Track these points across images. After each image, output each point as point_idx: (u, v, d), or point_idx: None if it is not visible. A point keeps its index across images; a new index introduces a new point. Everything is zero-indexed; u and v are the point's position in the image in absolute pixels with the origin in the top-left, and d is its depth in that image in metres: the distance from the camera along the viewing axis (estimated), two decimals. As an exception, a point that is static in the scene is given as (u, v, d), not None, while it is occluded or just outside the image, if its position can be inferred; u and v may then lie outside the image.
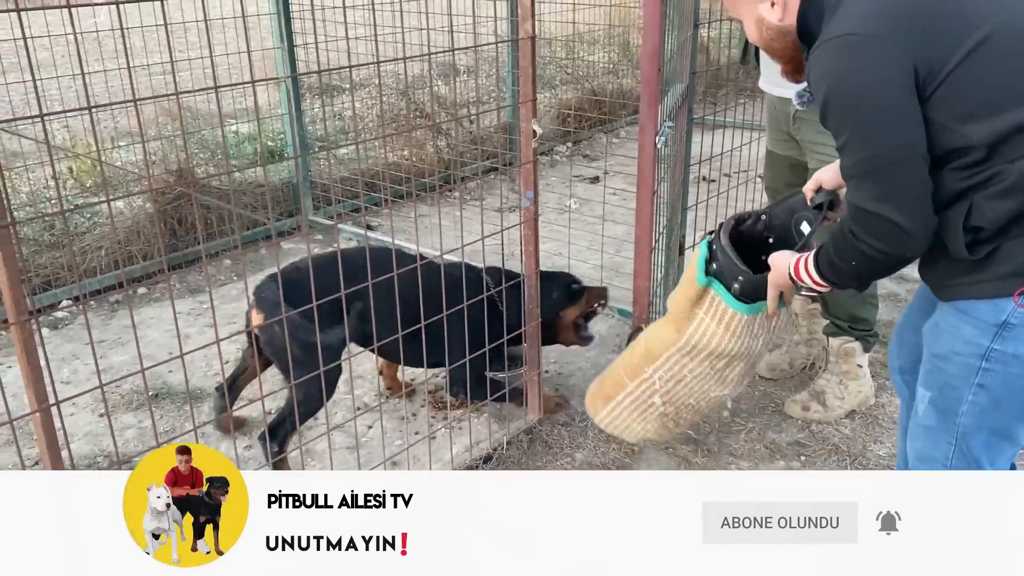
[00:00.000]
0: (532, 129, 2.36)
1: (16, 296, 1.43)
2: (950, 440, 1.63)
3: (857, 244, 1.47)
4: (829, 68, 1.43)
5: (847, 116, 1.43)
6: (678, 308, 1.94)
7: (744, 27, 1.67)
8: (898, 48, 1.39)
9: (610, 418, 2.14)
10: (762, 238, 1.90)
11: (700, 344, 1.91)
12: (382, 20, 4.95)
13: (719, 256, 1.83)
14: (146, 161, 4.05)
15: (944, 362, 1.59)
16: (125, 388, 3.08)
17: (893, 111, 1.40)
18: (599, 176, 5.49)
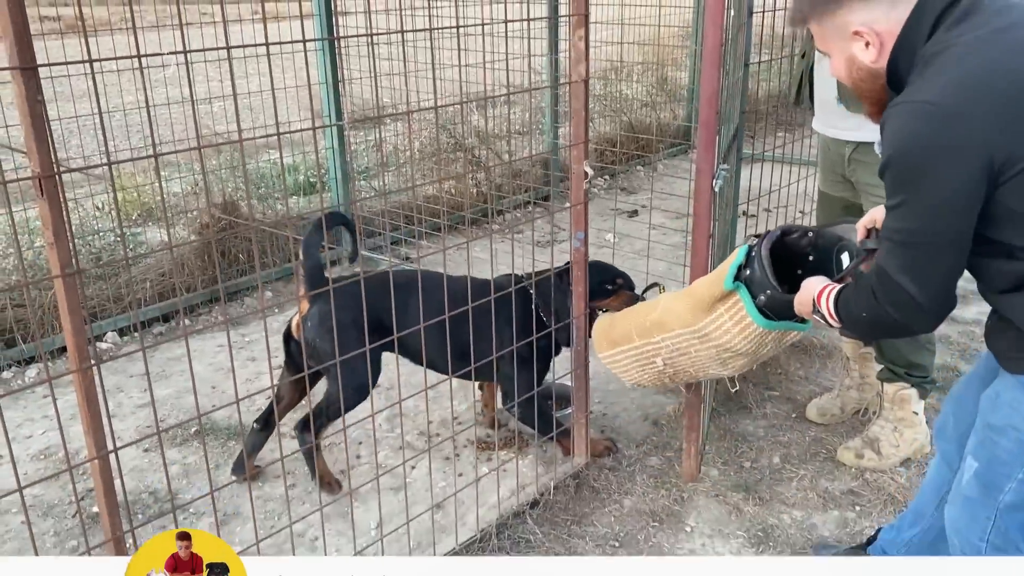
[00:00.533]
0: (583, 171, 2.34)
1: (79, 343, 1.43)
2: (989, 515, 1.60)
3: (872, 301, 1.51)
4: (900, 131, 1.40)
5: (905, 184, 1.41)
6: (701, 297, 2.01)
7: (832, 64, 1.62)
8: (975, 130, 1.34)
9: (612, 360, 2.34)
10: (803, 254, 1.92)
11: (713, 335, 2.01)
12: (425, 57, 4.99)
13: (754, 264, 1.86)
14: (207, 191, 4.09)
15: (999, 435, 1.56)
16: (169, 422, 3.08)
17: (950, 195, 1.38)
18: (638, 210, 5.46)
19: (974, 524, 1.63)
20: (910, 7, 1.47)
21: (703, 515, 2.53)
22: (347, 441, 2.32)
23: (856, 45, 1.52)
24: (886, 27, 1.48)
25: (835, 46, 1.57)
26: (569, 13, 2.22)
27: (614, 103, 6.75)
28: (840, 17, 1.52)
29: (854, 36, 1.51)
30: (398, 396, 2.13)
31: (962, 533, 1.67)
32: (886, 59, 1.51)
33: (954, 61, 1.39)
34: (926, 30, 1.45)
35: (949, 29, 1.43)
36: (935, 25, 1.45)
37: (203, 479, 2.73)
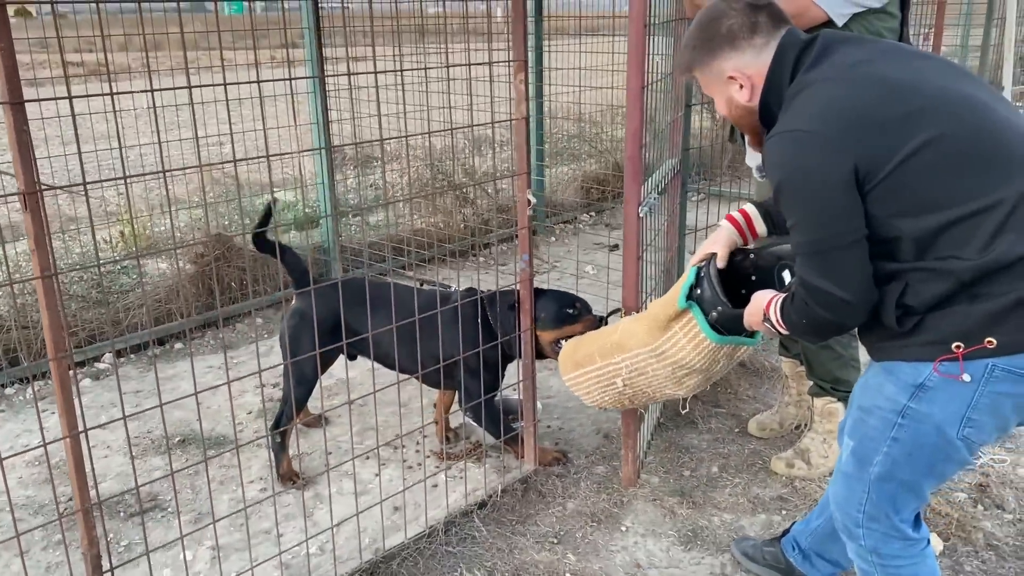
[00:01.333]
0: (527, 198, 2.59)
1: (56, 336, 1.68)
2: (864, 488, 1.79)
3: (808, 310, 1.69)
4: (779, 159, 1.63)
5: (795, 203, 1.63)
6: (657, 316, 2.18)
7: (716, 104, 1.89)
8: (839, 148, 1.56)
9: (575, 382, 2.51)
10: (747, 274, 2.09)
11: (668, 353, 2.17)
12: (411, 100, 5.30)
13: (704, 284, 2.04)
14: (205, 220, 4.37)
15: (867, 415, 1.77)
16: (156, 434, 3.31)
17: (834, 204, 1.58)
18: (618, 244, 5.70)
19: (852, 497, 1.83)
20: (771, 53, 1.74)
21: (639, 517, 2.72)
22: (308, 445, 2.54)
23: (732, 87, 1.79)
24: (755, 70, 1.76)
25: (716, 89, 1.84)
26: (509, 59, 2.48)
27: (600, 144, 7.03)
28: (716, 65, 1.79)
29: (729, 80, 1.78)
30: (373, 400, 2.38)
31: (842, 506, 1.87)
32: (758, 97, 1.77)
33: (813, 96, 1.64)
34: (788, 72, 1.72)
35: (807, 72, 1.69)
36: (794, 68, 1.71)
37: (184, 485, 2.96)
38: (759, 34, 1.74)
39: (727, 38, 1.75)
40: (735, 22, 1.74)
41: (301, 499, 2.83)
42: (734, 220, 2.10)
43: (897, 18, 2.57)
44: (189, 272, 4.42)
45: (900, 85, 1.61)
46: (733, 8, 1.76)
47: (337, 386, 3.70)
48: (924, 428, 1.67)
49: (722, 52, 1.76)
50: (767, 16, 1.75)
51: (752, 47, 1.74)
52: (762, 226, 2.10)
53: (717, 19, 1.76)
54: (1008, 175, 1.55)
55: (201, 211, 5.15)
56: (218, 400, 3.53)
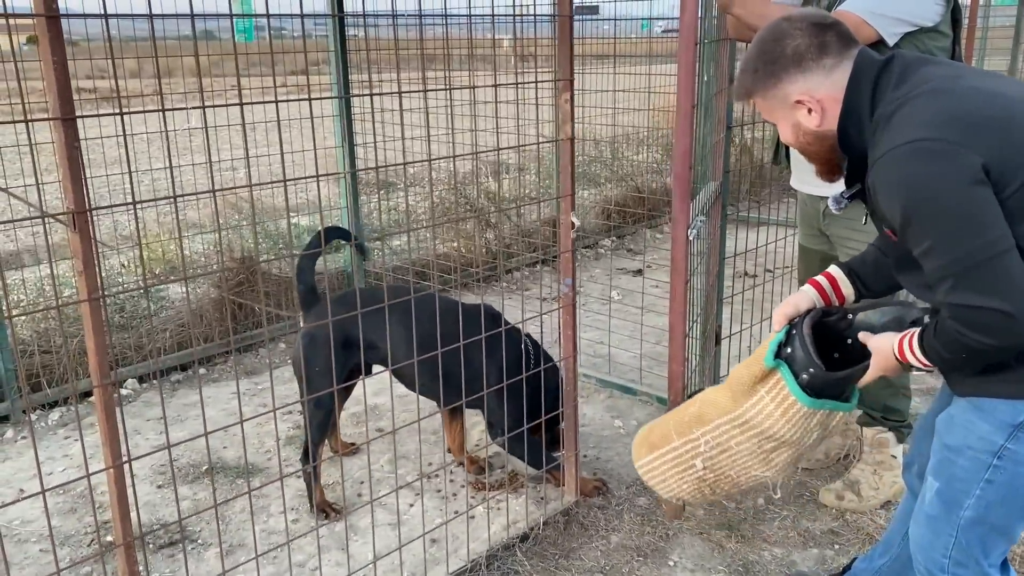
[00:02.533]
0: (571, 221, 2.52)
1: (101, 361, 1.61)
2: (951, 532, 1.68)
3: (964, 340, 1.47)
4: (903, 175, 1.47)
5: (930, 221, 1.45)
6: (740, 381, 1.91)
7: (780, 131, 1.75)
8: (967, 149, 1.42)
9: (650, 467, 2.14)
10: (842, 336, 1.87)
11: (754, 421, 1.89)
12: (436, 123, 5.27)
13: (795, 343, 1.81)
14: (220, 246, 4.32)
15: (956, 455, 1.65)
16: (182, 463, 3.23)
17: (976, 209, 1.42)
18: (642, 269, 5.64)
19: (937, 541, 1.71)
20: (845, 74, 1.62)
21: (687, 551, 2.63)
22: (343, 474, 2.46)
23: (800, 113, 1.66)
24: (826, 93, 1.62)
25: (780, 115, 1.70)
26: (556, 79, 2.43)
27: (622, 168, 6.99)
28: (781, 89, 1.65)
29: (796, 105, 1.65)
30: (394, 439, 2.29)
31: (925, 550, 1.75)
32: (830, 123, 1.64)
33: (917, 109, 1.51)
34: (867, 93, 1.60)
35: (896, 89, 1.57)
36: (875, 89, 1.59)
37: (212, 514, 2.88)
38: (828, 55, 1.61)
39: (793, 60, 1.62)
40: (801, 43, 1.61)
41: (340, 530, 2.74)
42: (818, 284, 1.91)
43: (949, 37, 2.52)
44: (212, 297, 4.36)
45: (997, 94, 1.53)
46: (798, 28, 1.63)
47: (364, 413, 3.61)
48: (1022, 470, 1.57)
49: (788, 75, 1.63)
50: (835, 36, 1.63)
51: (821, 69, 1.61)
52: (849, 288, 1.92)
53: (781, 40, 1.63)
54: None
55: (220, 235, 5.11)
56: (246, 427, 3.45)
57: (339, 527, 2.76)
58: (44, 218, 1.56)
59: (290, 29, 7.53)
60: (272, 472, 3.17)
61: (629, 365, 3.87)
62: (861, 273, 1.91)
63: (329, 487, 3.03)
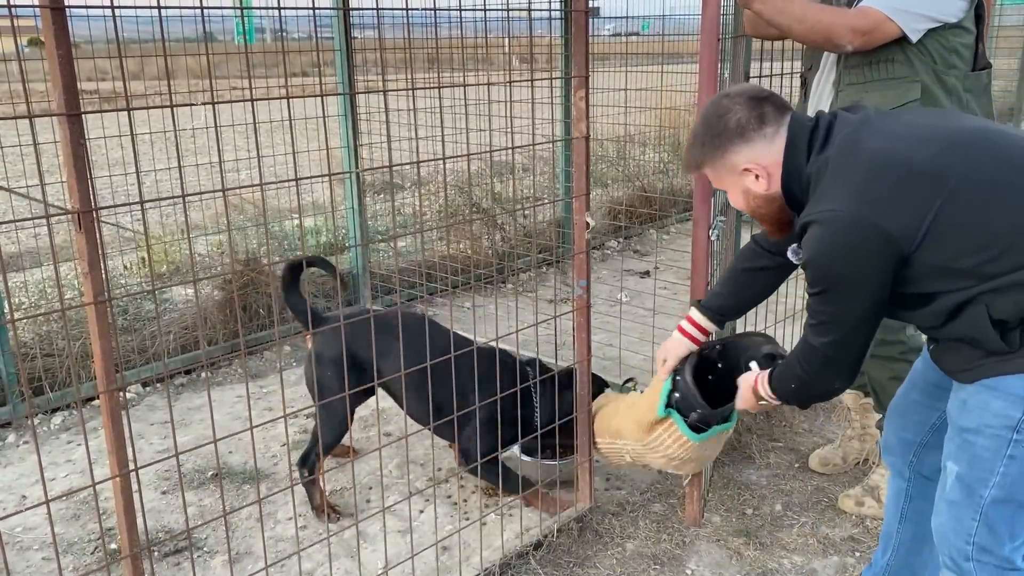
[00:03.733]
0: (585, 221, 2.47)
1: (107, 366, 1.55)
2: (974, 516, 1.68)
3: (796, 371, 1.78)
4: (818, 237, 1.62)
5: (824, 280, 1.64)
6: (641, 420, 2.32)
7: (730, 197, 1.88)
8: (875, 223, 1.55)
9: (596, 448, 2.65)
10: (715, 362, 2.26)
11: (658, 449, 2.32)
12: (441, 123, 5.21)
13: (681, 388, 2.19)
14: (231, 246, 4.26)
15: (975, 435, 1.66)
16: (187, 468, 3.17)
17: (866, 289, 1.61)
18: (649, 271, 5.58)
19: (960, 527, 1.71)
20: (783, 140, 1.74)
21: (704, 559, 2.57)
22: (355, 483, 2.40)
23: (748, 179, 1.78)
24: (771, 160, 1.74)
25: (729, 183, 1.83)
26: (571, 75, 2.37)
27: (628, 169, 6.93)
28: (728, 159, 1.77)
29: (744, 172, 1.77)
30: (406, 444, 2.24)
31: (948, 538, 1.74)
32: (776, 185, 1.76)
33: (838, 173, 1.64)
34: (803, 155, 1.72)
35: (820, 150, 1.70)
36: (809, 148, 1.72)
37: (219, 522, 2.82)
38: (768, 124, 1.74)
39: (736, 132, 1.74)
40: (742, 116, 1.74)
41: (349, 538, 2.67)
42: (684, 331, 2.22)
43: (973, 33, 2.46)
44: (217, 298, 4.30)
45: (915, 138, 1.63)
46: (736, 103, 1.75)
47: (373, 416, 3.56)
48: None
49: (733, 146, 1.75)
50: (771, 106, 1.75)
51: (763, 137, 1.74)
52: (710, 325, 2.20)
53: (723, 115, 1.76)
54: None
55: (223, 236, 5.05)
56: (250, 431, 3.39)
57: (348, 534, 2.70)
58: (48, 218, 1.50)
59: (294, 30, 7.49)
60: (278, 478, 3.11)
61: (640, 368, 3.81)
62: (719, 308, 2.19)
63: (338, 493, 2.98)
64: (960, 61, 2.40)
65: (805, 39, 2.48)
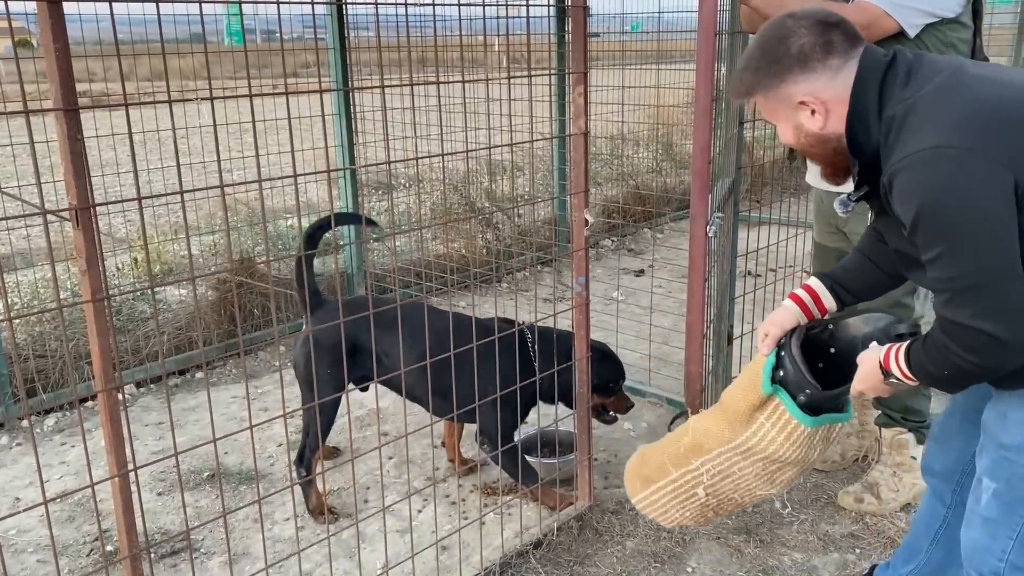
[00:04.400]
0: (584, 218, 2.45)
1: (105, 365, 1.53)
2: (1010, 534, 1.61)
3: (950, 356, 1.47)
4: (922, 181, 1.42)
5: (943, 231, 1.41)
6: (736, 409, 1.90)
7: (779, 131, 1.69)
8: (993, 160, 1.38)
9: (648, 502, 2.11)
10: (826, 346, 1.90)
11: (757, 448, 1.88)
12: (436, 121, 5.19)
13: (787, 365, 1.81)
14: (229, 243, 4.23)
15: (1017, 453, 1.58)
16: (183, 469, 3.15)
17: (992, 228, 1.39)
18: (644, 269, 5.57)
19: (994, 544, 1.64)
20: (851, 75, 1.55)
21: (704, 557, 2.56)
22: (355, 483, 2.38)
23: (803, 114, 1.60)
24: (832, 95, 1.56)
25: (782, 116, 1.64)
26: (569, 70, 2.36)
27: (621, 168, 6.93)
28: (784, 89, 1.58)
29: (800, 106, 1.59)
30: (405, 443, 2.23)
31: (980, 554, 1.67)
32: (833, 125, 1.58)
33: (937, 111, 1.45)
34: (875, 94, 1.54)
35: (903, 88, 1.51)
36: (881, 89, 1.53)
37: (217, 523, 2.79)
38: (834, 55, 1.54)
39: (798, 59, 1.55)
40: (806, 41, 1.54)
41: (348, 538, 2.66)
42: (798, 299, 1.90)
43: (970, 29, 2.46)
44: (211, 299, 4.28)
45: (1019, 85, 1.47)
46: (802, 26, 1.55)
47: (369, 416, 3.54)
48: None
49: (791, 75, 1.56)
50: (841, 34, 1.56)
51: (827, 69, 1.55)
52: (831, 301, 1.90)
53: (785, 38, 1.56)
54: None
55: (217, 236, 5.02)
56: (246, 432, 3.37)
57: (347, 534, 2.68)
58: (44, 215, 1.48)
59: (286, 31, 7.45)
60: (275, 478, 3.09)
61: (637, 366, 3.80)
62: (843, 283, 1.90)
63: (336, 493, 2.96)
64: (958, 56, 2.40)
65: None
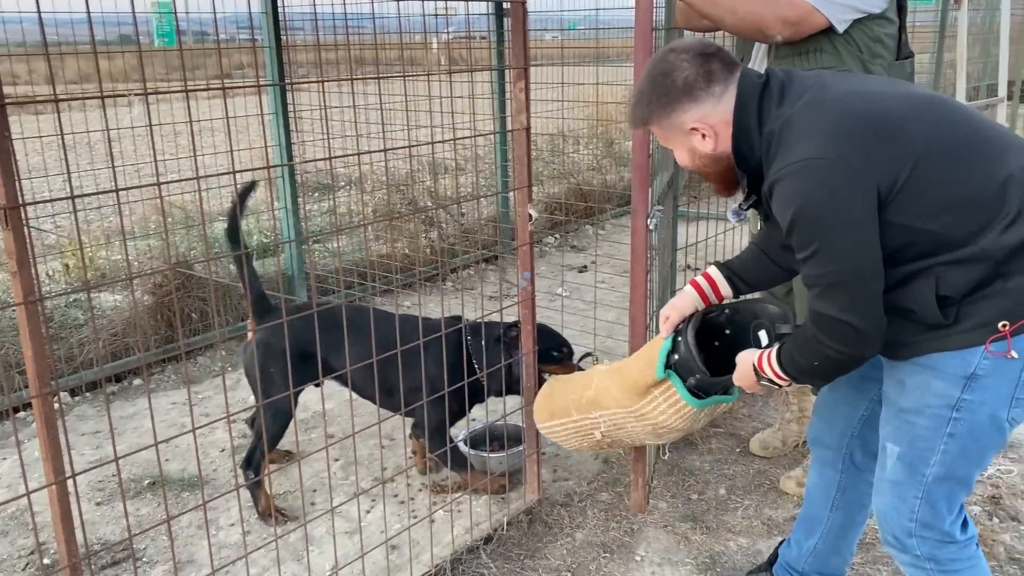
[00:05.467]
0: (528, 213, 2.47)
1: (40, 370, 1.48)
2: (917, 494, 1.72)
3: (820, 347, 1.63)
4: (795, 190, 1.56)
5: (814, 235, 1.56)
6: (635, 381, 2.12)
7: (676, 155, 1.83)
8: (856, 169, 1.53)
9: (552, 431, 2.46)
10: (721, 328, 2.08)
11: (649, 416, 2.13)
12: (374, 119, 5.15)
13: (681, 350, 1.99)
14: (167, 241, 4.13)
15: (916, 416, 1.69)
16: (123, 477, 3.06)
17: (856, 231, 1.54)
18: (587, 265, 5.62)
19: (903, 505, 1.75)
20: (732, 99, 1.69)
21: (652, 545, 2.59)
22: (301, 485, 2.35)
23: (695, 139, 1.74)
24: (718, 119, 1.70)
25: (676, 142, 1.79)
26: (511, 66, 2.37)
27: (563, 166, 6.97)
28: (675, 118, 1.72)
29: (691, 132, 1.73)
30: (353, 444, 2.20)
31: (891, 517, 1.78)
32: (723, 145, 1.72)
33: (807, 124, 1.59)
34: (754, 113, 1.68)
35: (779, 105, 1.66)
36: (759, 108, 1.68)
37: (160, 531, 2.73)
38: (716, 82, 1.69)
39: (684, 90, 1.69)
40: (690, 73, 1.69)
41: (295, 541, 2.62)
42: (698, 285, 2.06)
43: (895, 24, 2.54)
44: (147, 304, 4.17)
45: (878, 95, 1.62)
46: (684, 59, 1.70)
47: (314, 419, 3.50)
48: (978, 418, 1.63)
49: (680, 105, 1.70)
50: (720, 63, 1.71)
51: (711, 96, 1.69)
52: (727, 289, 2.04)
53: (670, 72, 1.70)
54: (1000, 154, 1.59)
55: (152, 241, 4.91)
56: (187, 438, 3.30)
57: (295, 537, 2.65)
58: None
59: (221, 31, 7.32)
60: (219, 483, 3.03)
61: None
62: (740, 273, 2.04)
63: (282, 496, 2.92)
64: (885, 50, 2.48)
65: (736, 30, 2.53)
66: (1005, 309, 1.56)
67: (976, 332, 1.59)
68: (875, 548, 2.54)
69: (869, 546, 2.55)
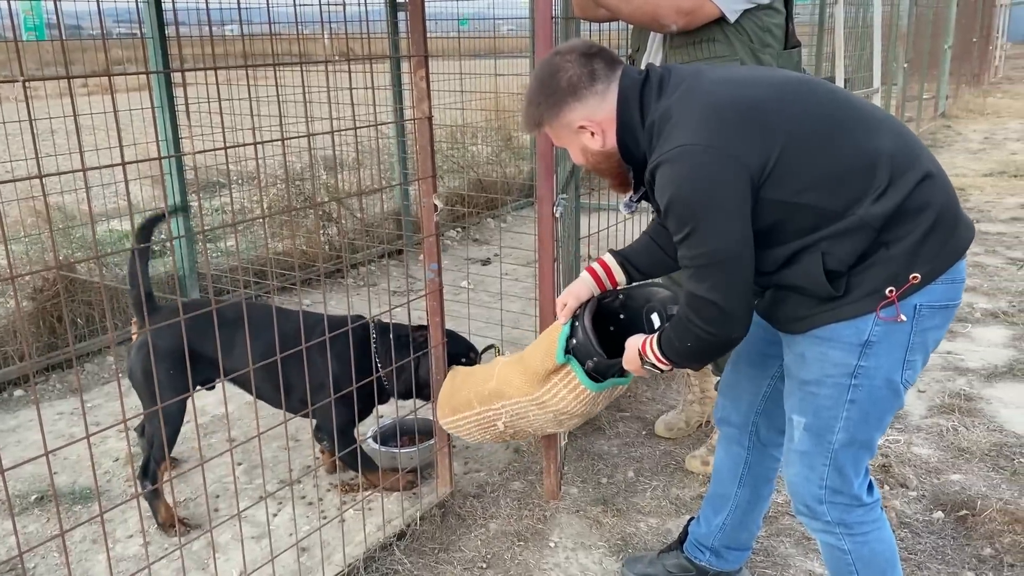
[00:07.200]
0: (434, 203, 2.44)
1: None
2: (824, 462, 1.80)
3: (691, 328, 1.71)
4: (671, 175, 1.64)
5: (688, 216, 1.63)
6: (535, 369, 2.17)
7: (570, 154, 1.89)
8: (728, 155, 1.60)
9: (454, 425, 2.47)
10: (615, 312, 2.16)
11: (550, 403, 2.19)
12: (270, 112, 5.01)
13: (579, 335, 2.06)
14: (53, 240, 3.89)
15: (817, 387, 1.76)
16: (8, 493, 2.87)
17: (727, 215, 1.61)
18: (490, 258, 5.62)
19: (812, 474, 1.82)
20: (615, 97, 1.76)
21: (566, 530, 2.62)
22: (206, 489, 2.26)
23: (584, 137, 1.81)
24: (604, 115, 1.77)
25: (568, 141, 1.85)
26: (410, 54, 2.33)
27: (463, 159, 6.95)
28: (564, 118, 1.79)
29: (580, 130, 1.79)
30: (259, 445, 2.13)
31: (802, 486, 1.85)
32: (611, 141, 1.79)
33: (683, 115, 1.67)
34: (636, 107, 1.75)
35: (658, 100, 1.73)
36: (641, 102, 1.75)
37: (50, 547, 2.57)
38: (599, 80, 1.76)
39: (569, 91, 1.76)
40: (574, 73, 1.75)
41: (199, 549, 2.52)
42: (593, 272, 2.12)
43: (783, 14, 2.63)
44: (27, 310, 3.93)
45: (747, 82, 1.70)
46: (568, 60, 1.77)
47: (213, 423, 3.37)
48: (875, 383, 1.71)
49: (567, 105, 1.77)
50: (602, 61, 1.77)
51: (595, 94, 1.76)
52: (621, 275, 2.11)
53: (555, 73, 1.77)
54: (870, 130, 1.66)
55: (27, 246, 4.62)
56: (77, 449, 3.13)
57: (198, 545, 2.55)
58: None
59: (89, 27, 6.96)
60: (113, 495, 2.89)
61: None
62: (632, 260, 2.11)
63: (183, 504, 2.80)
64: (774, 40, 2.56)
65: (632, 19, 2.57)
66: (890, 275, 1.64)
67: (866, 300, 1.66)
68: (778, 521, 2.64)
69: (772, 519, 2.64)
